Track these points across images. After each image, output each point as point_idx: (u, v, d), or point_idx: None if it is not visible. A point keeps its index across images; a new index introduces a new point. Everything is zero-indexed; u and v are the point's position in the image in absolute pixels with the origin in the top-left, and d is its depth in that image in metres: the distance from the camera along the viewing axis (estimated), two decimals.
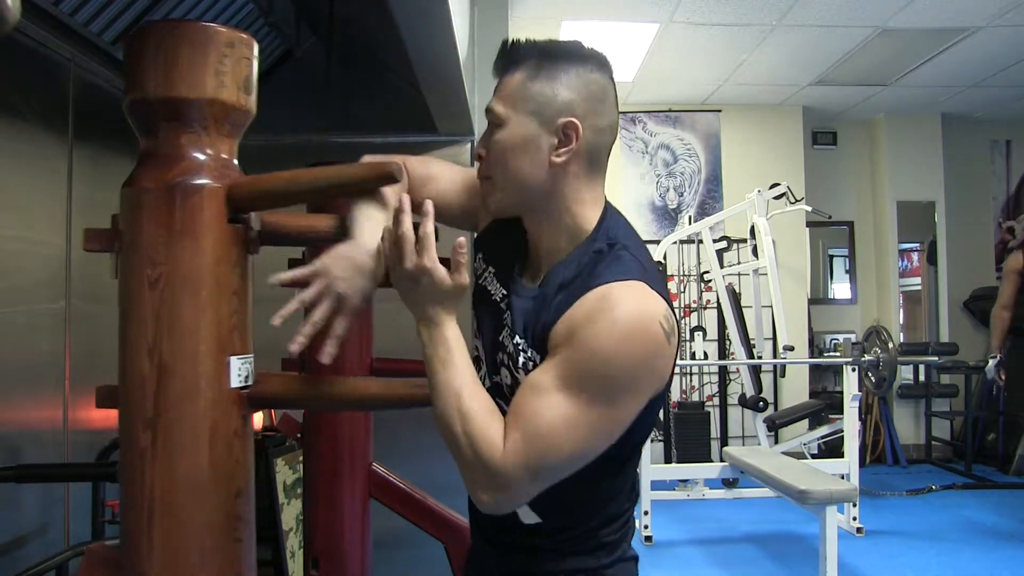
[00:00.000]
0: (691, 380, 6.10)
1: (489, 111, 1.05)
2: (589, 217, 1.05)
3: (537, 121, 1.01)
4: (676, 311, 6.07)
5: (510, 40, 1.06)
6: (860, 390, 4.57)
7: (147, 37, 0.91)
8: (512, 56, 1.04)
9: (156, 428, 0.87)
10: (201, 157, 0.92)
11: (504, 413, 0.98)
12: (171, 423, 0.87)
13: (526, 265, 1.11)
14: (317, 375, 1.08)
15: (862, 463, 5.11)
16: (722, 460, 4.66)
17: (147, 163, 0.92)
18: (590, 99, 1.02)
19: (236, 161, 0.97)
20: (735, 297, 5.45)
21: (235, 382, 0.92)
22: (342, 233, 1.01)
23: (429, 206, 0.96)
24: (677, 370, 6.16)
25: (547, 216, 1.05)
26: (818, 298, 6.75)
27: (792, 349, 4.92)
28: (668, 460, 5.33)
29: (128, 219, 0.91)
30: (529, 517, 1.06)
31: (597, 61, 1.04)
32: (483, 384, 1.05)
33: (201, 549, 0.88)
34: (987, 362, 5.27)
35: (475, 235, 1.23)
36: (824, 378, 6.56)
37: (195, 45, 0.90)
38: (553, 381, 0.94)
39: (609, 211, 1.08)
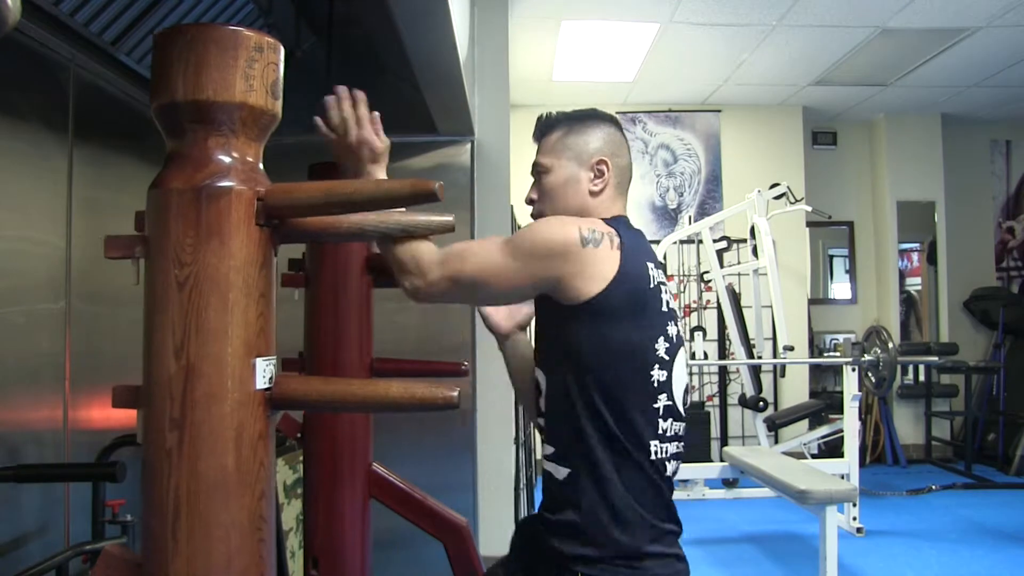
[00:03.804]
0: (691, 380, 6.10)
1: (536, 164, 1.39)
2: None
3: (576, 163, 1.37)
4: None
5: (544, 114, 1.43)
6: (860, 390, 4.57)
7: (175, 40, 0.91)
8: (548, 123, 1.41)
9: (183, 428, 0.88)
10: (229, 160, 0.93)
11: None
12: (198, 424, 0.88)
13: None
14: (336, 376, 1.09)
15: (862, 463, 5.11)
16: (722, 460, 4.66)
17: (174, 165, 0.93)
18: (612, 145, 1.39)
19: (261, 165, 0.98)
20: (735, 297, 5.45)
21: (260, 383, 0.92)
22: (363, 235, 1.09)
23: (360, 94, 1.27)
24: None
25: None
26: (818, 298, 6.76)
27: (792, 349, 4.92)
28: None
29: (155, 220, 0.91)
30: (558, 471, 1.28)
31: (611, 120, 1.42)
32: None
33: (227, 549, 0.88)
34: (987, 362, 5.27)
35: None
36: (824, 378, 6.56)
37: (225, 48, 0.91)
38: (493, 237, 1.31)
39: (621, 218, 1.38)
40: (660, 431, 1.28)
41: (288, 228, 0.99)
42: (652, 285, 1.30)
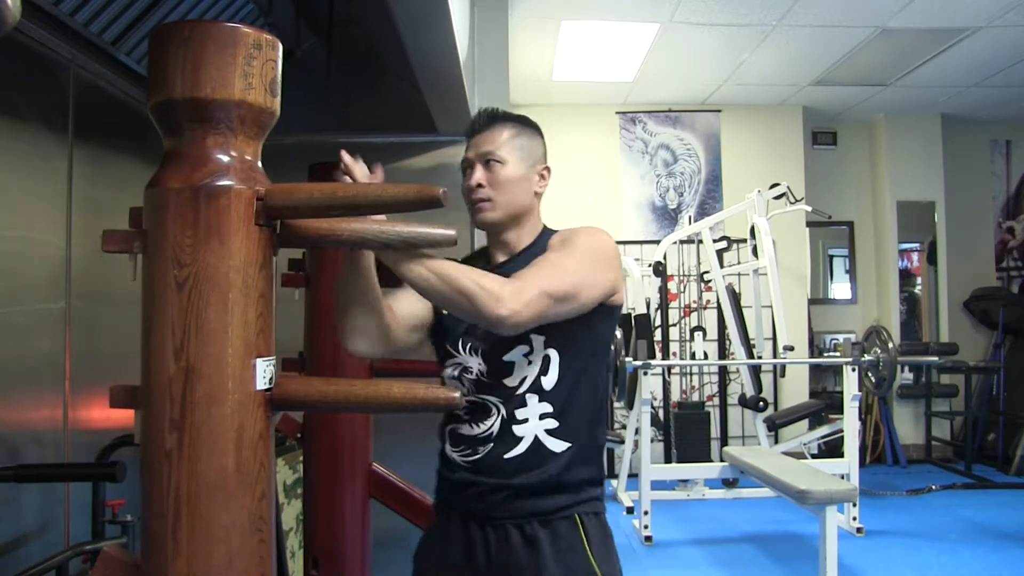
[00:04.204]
0: (691, 380, 6.10)
1: (491, 153, 1.47)
2: (541, 223, 1.56)
3: (527, 164, 1.49)
4: (676, 311, 6.10)
5: (490, 108, 1.54)
6: (860, 390, 4.57)
7: (173, 37, 0.90)
8: (497, 116, 1.52)
9: (182, 430, 0.87)
10: (227, 159, 0.92)
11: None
12: (198, 425, 0.87)
13: (497, 261, 1.53)
14: (335, 376, 1.08)
15: (862, 463, 5.11)
16: (722, 460, 4.66)
17: (172, 164, 0.92)
18: (546, 155, 1.56)
19: (259, 163, 0.97)
20: (735, 297, 5.44)
21: (260, 384, 0.92)
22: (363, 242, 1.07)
23: (343, 154, 1.26)
24: (676, 370, 6.11)
25: (523, 224, 1.51)
26: (818, 298, 6.76)
27: (792, 349, 4.92)
28: (668, 460, 5.33)
29: (153, 220, 0.90)
30: (558, 445, 1.41)
31: (541, 131, 1.57)
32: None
33: (227, 550, 0.88)
34: (987, 362, 5.27)
35: None
36: (824, 378, 6.56)
37: (223, 46, 0.90)
38: (550, 254, 1.39)
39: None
40: None
41: (289, 232, 0.99)
42: None
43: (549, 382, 1.40)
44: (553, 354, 1.40)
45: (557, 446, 1.40)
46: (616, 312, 1.47)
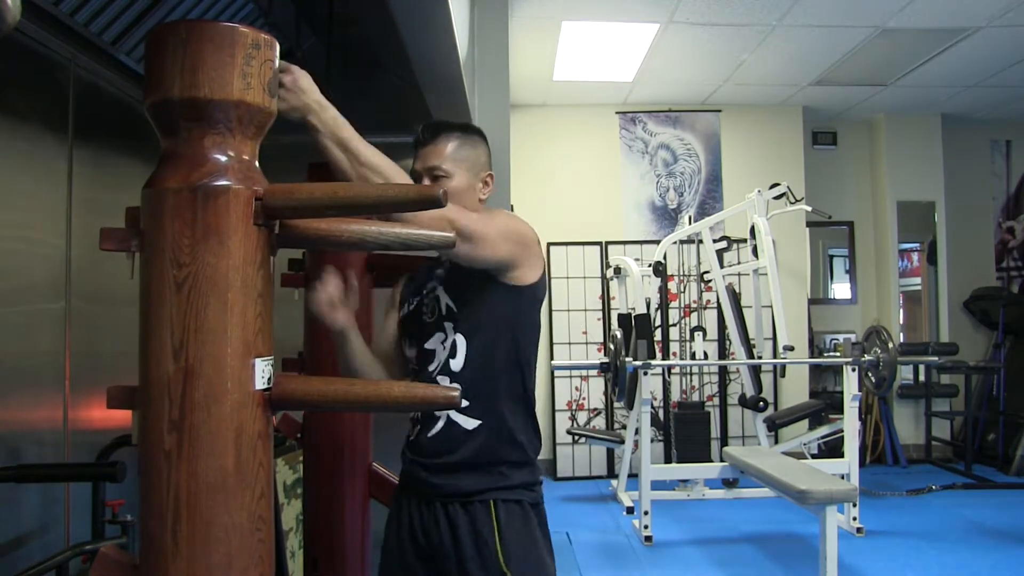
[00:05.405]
0: (691, 380, 6.10)
1: (436, 168, 1.56)
2: None
3: (471, 174, 1.59)
4: (676, 311, 6.10)
5: (434, 120, 1.63)
6: (860, 390, 4.57)
7: (170, 37, 0.90)
8: (440, 128, 1.60)
9: (182, 430, 0.87)
10: (225, 159, 0.91)
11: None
12: (197, 425, 0.87)
13: (442, 262, 1.65)
14: (336, 376, 1.07)
15: (862, 463, 5.11)
16: (722, 460, 4.66)
17: (169, 164, 0.92)
18: (490, 160, 1.66)
19: (257, 163, 0.97)
20: (735, 297, 5.44)
21: (259, 384, 0.92)
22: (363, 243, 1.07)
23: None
24: (677, 370, 6.10)
25: None
26: (818, 298, 6.76)
27: (792, 349, 4.91)
28: (668, 460, 5.33)
29: (151, 220, 0.90)
30: (469, 423, 1.51)
31: (485, 136, 1.67)
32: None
33: (227, 550, 0.88)
34: (987, 362, 5.26)
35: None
36: (824, 378, 6.56)
37: (221, 46, 0.90)
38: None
39: None
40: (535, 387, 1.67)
41: (288, 233, 0.99)
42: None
43: (457, 364, 1.53)
44: (460, 339, 1.54)
45: (468, 423, 1.52)
46: (524, 292, 1.55)
